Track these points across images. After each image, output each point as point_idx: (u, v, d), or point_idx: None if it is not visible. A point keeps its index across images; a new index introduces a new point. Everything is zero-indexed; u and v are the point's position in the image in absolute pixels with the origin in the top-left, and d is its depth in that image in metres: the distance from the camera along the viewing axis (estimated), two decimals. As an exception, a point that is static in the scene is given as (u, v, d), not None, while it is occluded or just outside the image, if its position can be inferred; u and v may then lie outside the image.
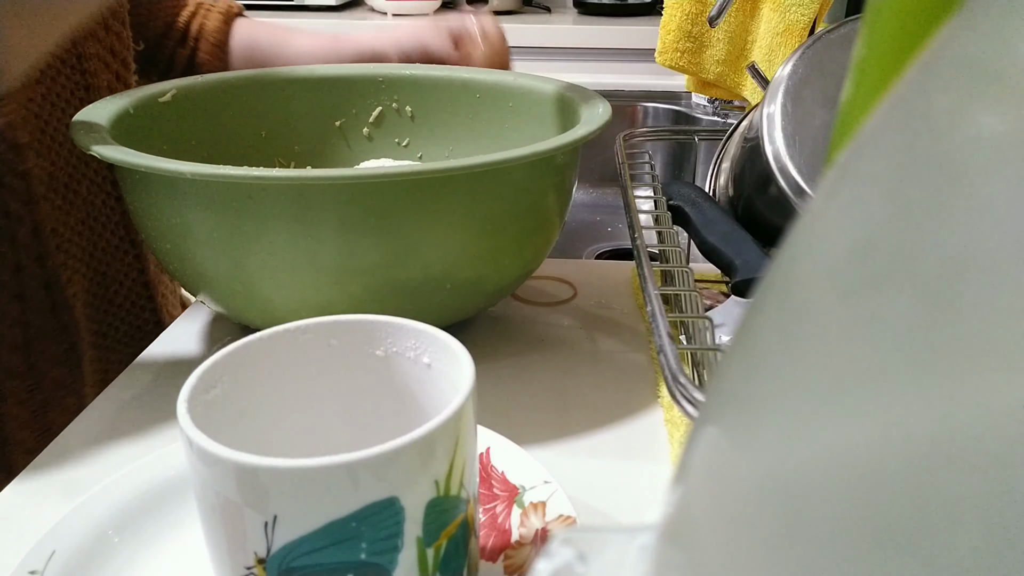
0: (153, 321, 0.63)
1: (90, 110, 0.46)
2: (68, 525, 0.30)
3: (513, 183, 0.42)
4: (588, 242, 1.03)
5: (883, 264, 0.09)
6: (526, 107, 0.57)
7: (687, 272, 0.41)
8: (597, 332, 0.52)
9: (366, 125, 0.63)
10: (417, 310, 0.37)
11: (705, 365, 0.37)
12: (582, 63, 1.82)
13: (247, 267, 0.40)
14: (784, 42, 0.87)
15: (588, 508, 0.35)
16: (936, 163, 0.09)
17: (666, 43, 0.98)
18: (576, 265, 0.63)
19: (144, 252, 0.62)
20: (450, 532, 0.25)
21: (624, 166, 0.53)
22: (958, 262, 0.08)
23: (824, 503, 0.09)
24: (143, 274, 0.62)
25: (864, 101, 0.19)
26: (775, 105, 0.44)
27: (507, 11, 2.00)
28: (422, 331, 0.28)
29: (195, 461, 0.22)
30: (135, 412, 0.43)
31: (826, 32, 0.46)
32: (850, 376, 0.09)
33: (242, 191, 0.38)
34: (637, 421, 0.42)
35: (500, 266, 0.44)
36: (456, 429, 0.24)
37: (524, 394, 0.45)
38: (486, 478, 0.34)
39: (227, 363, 0.26)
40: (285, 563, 0.22)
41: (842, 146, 0.19)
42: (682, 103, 1.21)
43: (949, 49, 0.10)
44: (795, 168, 0.42)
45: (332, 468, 0.21)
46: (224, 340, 0.51)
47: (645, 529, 0.15)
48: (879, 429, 0.08)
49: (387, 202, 0.38)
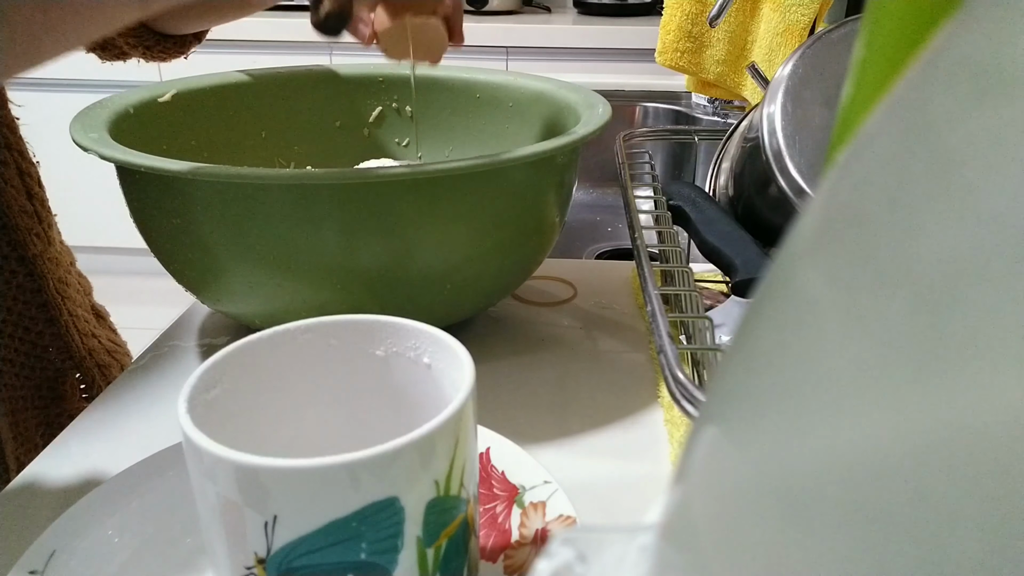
0: (57, 346, 0.56)
1: (90, 110, 0.46)
2: (68, 525, 0.30)
3: (513, 183, 0.42)
4: (588, 242, 1.03)
5: (883, 264, 0.09)
6: (526, 107, 0.57)
7: (687, 272, 0.41)
8: (597, 332, 0.52)
9: (366, 125, 0.63)
10: (417, 310, 0.37)
11: (705, 365, 0.37)
12: (582, 63, 1.82)
13: (247, 267, 0.40)
14: (784, 42, 0.87)
15: (588, 508, 0.35)
16: (936, 163, 0.09)
17: (666, 43, 0.98)
18: (576, 265, 0.63)
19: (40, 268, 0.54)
20: (450, 532, 0.25)
21: (624, 166, 0.53)
22: (958, 262, 0.08)
23: (823, 503, 0.09)
24: (39, 294, 0.54)
25: (864, 101, 0.19)
26: (775, 105, 0.44)
27: (507, 11, 2.00)
28: (422, 331, 0.28)
29: (195, 461, 0.22)
30: (135, 412, 0.43)
31: (826, 32, 0.46)
32: (850, 376, 0.09)
33: (242, 191, 0.38)
34: (637, 421, 0.42)
35: (500, 266, 0.44)
36: (456, 429, 0.24)
37: (524, 394, 0.45)
38: (486, 478, 0.34)
39: (227, 363, 0.26)
40: (285, 563, 0.22)
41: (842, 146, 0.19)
42: (682, 103, 1.21)
43: (949, 49, 0.10)
44: (795, 168, 0.42)
45: (332, 468, 0.21)
46: (224, 340, 0.51)
47: (645, 529, 0.15)
48: (879, 429, 0.08)
49: (387, 202, 0.38)
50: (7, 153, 0.52)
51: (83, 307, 0.59)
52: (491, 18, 1.91)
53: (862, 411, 0.09)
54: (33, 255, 0.53)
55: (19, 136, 0.54)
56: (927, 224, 0.09)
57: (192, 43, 0.61)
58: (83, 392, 0.58)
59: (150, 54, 0.59)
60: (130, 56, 0.59)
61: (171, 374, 0.47)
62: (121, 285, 2.25)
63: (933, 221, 0.09)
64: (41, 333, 0.55)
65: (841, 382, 0.09)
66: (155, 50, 0.59)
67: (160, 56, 0.60)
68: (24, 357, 0.54)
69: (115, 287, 1.99)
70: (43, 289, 0.54)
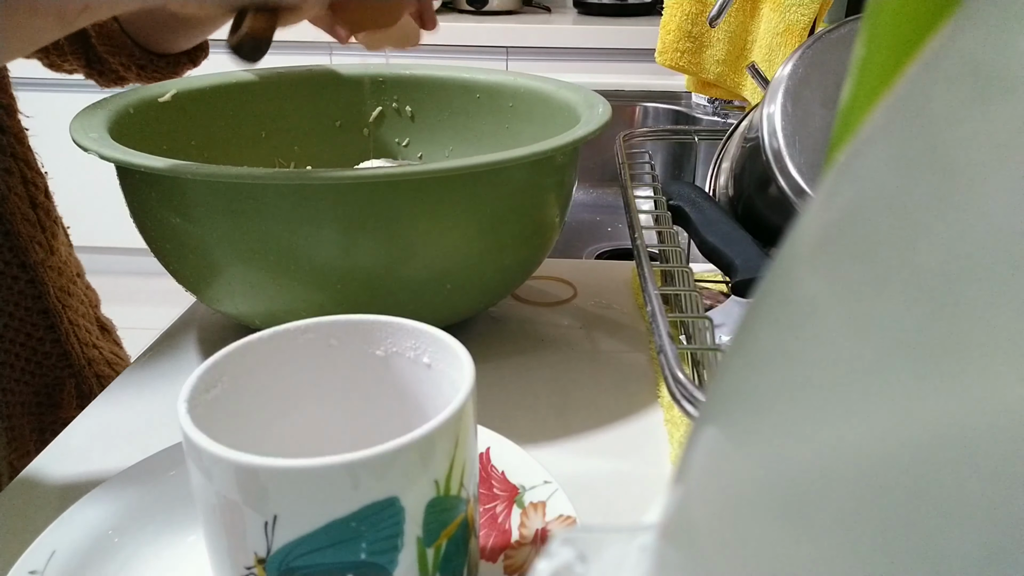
0: (57, 353, 0.56)
1: (90, 110, 0.46)
2: (68, 525, 0.30)
3: (513, 183, 0.42)
4: (588, 242, 1.03)
5: (883, 263, 0.09)
6: (526, 107, 0.57)
7: (687, 272, 0.41)
8: (597, 332, 0.52)
9: (366, 125, 0.63)
10: (417, 310, 0.37)
11: (705, 365, 0.37)
12: (582, 63, 1.82)
13: (247, 267, 0.40)
14: (784, 42, 0.87)
15: (588, 508, 0.35)
16: (936, 162, 0.09)
17: (666, 43, 0.98)
18: (576, 265, 0.63)
19: (41, 276, 0.54)
20: (450, 532, 0.25)
21: (624, 166, 0.53)
22: (958, 261, 0.08)
23: (824, 502, 0.09)
24: (40, 301, 0.55)
25: (864, 101, 0.19)
26: (775, 105, 0.44)
27: (507, 11, 2.00)
28: (422, 331, 0.28)
29: (195, 461, 0.22)
30: (135, 412, 0.43)
31: (826, 32, 0.46)
32: (850, 375, 0.09)
33: (242, 191, 0.38)
34: (637, 421, 0.42)
35: (500, 266, 0.44)
36: (456, 429, 0.24)
37: (524, 394, 0.45)
38: (486, 478, 0.34)
39: (227, 363, 0.26)
40: (285, 563, 0.22)
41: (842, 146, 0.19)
42: (682, 103, 1.21)
43: (949, 49, 0.10)
44: (795, 168, 0.42)
45: (332, 468, 0.21)
46: (224, 340, 0.51)
47: (645, 529, 0.15)
48: (879, 428, 0.08)
49: (387, 202, 0.38)
50: (12, 162, 0.52)
51: (86, 318, 0.59)
52: (491, 18, 1.91)
53: (862, 411, 0.09)
54: (35, 262, 0.53)
55: (27, 146, 0.55)
56: (927, 224, 0.09)
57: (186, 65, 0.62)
58: (79, 401, 0.58)
59: (145, 74, 0.60)
60: (127, 80, 0.60)
61: (171, 374, 0.47)
62: (121, 285, 2.25)
63: (933, 221, 0.09)
64: (42, 340, 0.55)
65: (841, 382, 0.09)
66: (149, 69, 0.60)
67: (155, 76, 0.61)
68: (23, 363, 0.54)
69: (115, 287, 1.99)
70: (44, 296, 0.55)
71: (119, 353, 0.63)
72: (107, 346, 0.62)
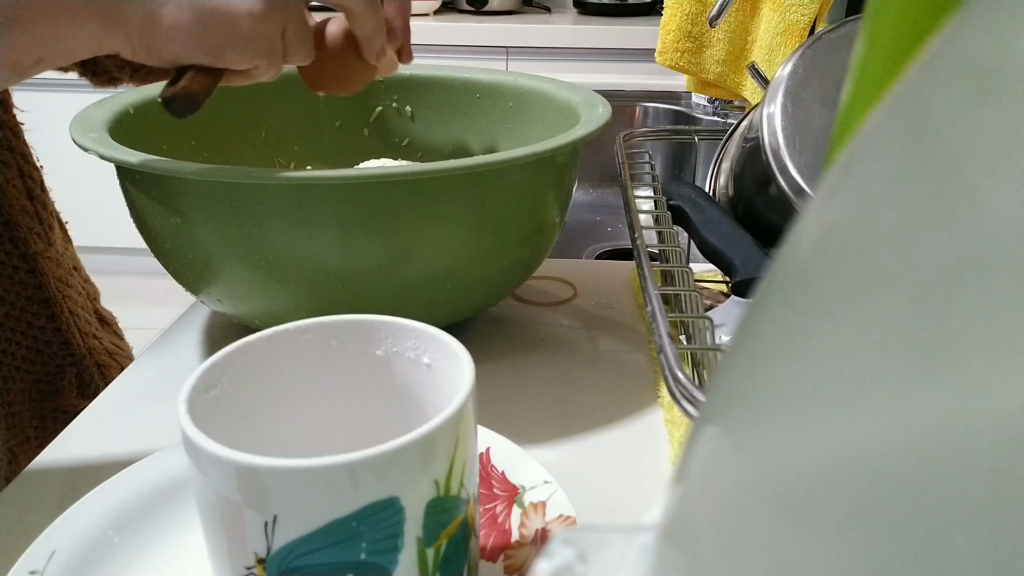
0: (58, 342, 0.56)
1: (90, 110, 0.46)
2: (68, 525, 0.30)
3: (513, 183, 0.42)
4: (588, 242, 1.03)
5: (883, 263, 0.09)
6: (526, 107, 0.57)
7: (687, 272, 0.41)
8: (597, 332, 0.52)
9: (366, 125, 0.63)
10: (417, 310, 0.37)
11: (705, 365, 0.37)
12: (582, 63, 1.82)
13: (247, 267, 0.40)
14: (784, 42, 0.87)
15: (588, 508, 0.35)
16: (936, 163, 0.09)
17: (666, 43, 0.98)
18: (576, 265, 0.63)
19: (41, 266, 0.55)
20: (450, 532, 0.25)
21: (624, 166, 0.53)
22: (958, 261, 0.08)
23: (823, 503, 0.09)
24: (40, 290, 0.55)
25: (864, 101, 0.19)
26: (775, 105, 0.44)
27: (507, 11, 2.00)
28: (422, 331, 0.28)
29: (195, 461, 0.22)
30: (135, 412, 0.43)
31: (826, 32, 0.46)
32: (850, 375, 0.09)
33: (243, 191, 0.38)
34: (637, 421, 0.42)
35: (500, 266, 0.44)
36: (456, 429, 0.24)
37: (524, 394, 0.45)
38: (486, 478, 0.34)
39: (227, 363, 0.26)
40: (285, 563, 0.22)
41: (842, 146, 0.19)
42: (682, 103, 1.21)
43: (949, 49, 0.10)
44: (795, 168, 0.42)
45: (332, 468, 0.21)
46: (224, 340, 0.51)
47: (645, 529, 0.15)
48: (880, 428, 0.08)
49: (387, 202, 0.38)
50: (9, 155, 0.53)
51: (86, 310, 0.60)
52: (491, 18, 1.91)
53: (862, 411, 0.09)
54: (34, 252, 0.54)
55: (23, 140, 0.55)
56: (927, 224, 0.09)
57: None
58: (80, 390, 0.58)
59: (138, 76, 0.61)
60: (121, 80, 0.60)
61: (171, 374, 0.47)
62: (121, 285, 2.25)
63: (933, 221, 0.09)
64: (43, 328, 0.56)
65: (841, 382, 0.09)
66: (142, 71, 0.60)
67: (148, 78, 0.61)
68: (24, 351, 0.55)
69: (115, 287, 1.99)
70: (44, 286, 0.55)
71: (120, 344, 0.64)
72: (107, 337, 0.62)
